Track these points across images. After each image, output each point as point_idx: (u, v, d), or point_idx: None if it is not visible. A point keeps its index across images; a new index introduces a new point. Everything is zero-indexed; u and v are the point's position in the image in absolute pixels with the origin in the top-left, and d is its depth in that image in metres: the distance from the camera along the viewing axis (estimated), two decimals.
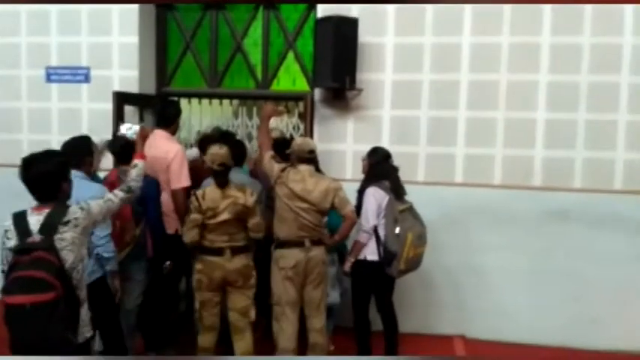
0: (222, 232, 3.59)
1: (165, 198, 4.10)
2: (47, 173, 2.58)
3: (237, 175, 4.00)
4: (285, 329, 3.69)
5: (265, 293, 3.91)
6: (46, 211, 2.53)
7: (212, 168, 3.62)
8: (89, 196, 3.23)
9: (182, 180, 4.04)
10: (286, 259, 3.66)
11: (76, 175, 3.35)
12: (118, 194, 2.92)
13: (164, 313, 4.20)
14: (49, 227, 2.47)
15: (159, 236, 4.03)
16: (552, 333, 4.65)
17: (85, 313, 2.62)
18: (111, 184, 3.72)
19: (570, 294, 4.65)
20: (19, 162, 2.72)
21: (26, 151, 5.33)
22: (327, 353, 3.89)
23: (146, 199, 3.81)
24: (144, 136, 3.40)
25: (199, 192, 3.63)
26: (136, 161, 3.20)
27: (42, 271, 2.34)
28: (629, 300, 4.59)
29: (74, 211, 2.57)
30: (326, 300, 3.89)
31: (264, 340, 4.08)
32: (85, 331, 2.62)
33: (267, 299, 3.88)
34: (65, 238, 2.48)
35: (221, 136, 4.67)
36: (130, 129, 3.58)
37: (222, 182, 3.63)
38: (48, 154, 2.65)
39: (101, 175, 4.09)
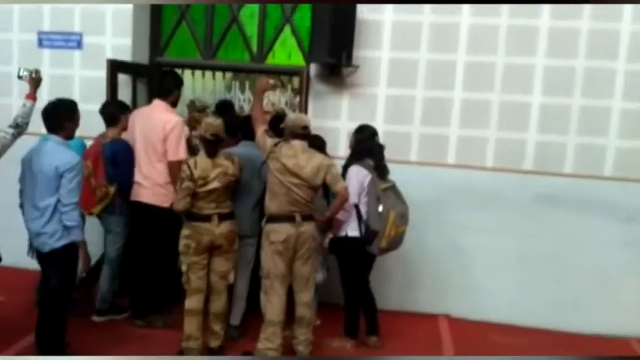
0: (211, 200, 3.70)
1: (161, 169, 4.07)
2: None
3: (248, 149, 4.02)
4: (274, 302, 3.71)
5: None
6: None
7: (204, 137, 3.71)
8: (61, 163, 3.32)
9: (179, 152, 4.02)
10: (277, 233, 3.66)
11: (53, 139, 3.45)
12: (9, 131, 3.45)
13: (154, 282, 4.23)
14: None
15: (131, 203, 4.21)
16: (536, 315, 4.72)
17: None
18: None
19: (555, 277, 4.71)
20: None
21: None
22: (313, 327, 3.93)
23: (118, 160, 4.13)
24: (35, 80, 3.68)
25: (191, 161, 3.70)
26: (25, 101, 3.59)
27: None
28: (613, 285, 4.66)
29: None
30: (314, 275, 3.91)
31: (251, 313, 4.12)
32: None
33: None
34: None
35: (222, 106, 4.70)
36: (25, 71, 3.70)
37: (213, 152, 3.72)
38: None
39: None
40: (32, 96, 3.64)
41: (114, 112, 4.28)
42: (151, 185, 4.11)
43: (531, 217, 4.68)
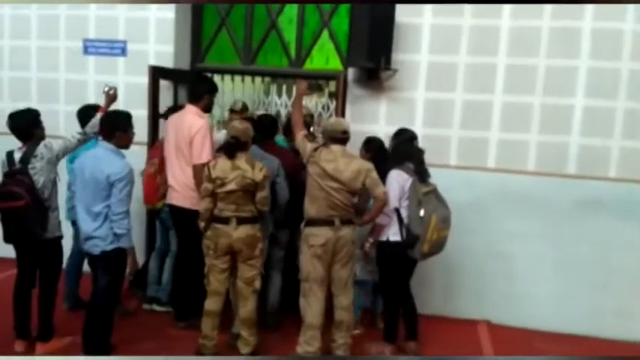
0: (230, 202, 3.72)
1: (189, 172, 4.08)
2: (24, 123, 3.65)
3: (257, 153, 4.05)
4: (313, 306, 3.74)
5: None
6: (24, 149, 3.62)
7: (226, 138, 3.82)
8: (113, 172, 3.43)
9: (203, 156, 4.00)
10: (316, 237, 3.69)
11: (103, 145, 3.58)
12: (76, 136, 3.78)
13: (195, 285, 4.29)
14: (25, 159, 3.58)
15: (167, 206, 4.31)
16: (578, 322, 4.62)
17: (54, 217, 3.70)
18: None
19: (598, 284, 4.61)
20: (55, 133, 2.86)
21: (62, 122, 5.50)
22: (352, 331, 3.94)
23: None
24: (112, 96, 4.00)
25: (212, 162, 3.79)
26: (98, 114, 3.87)
27: (18, 187, 3.48)
28: None
29: (41, 148, 3.62)
30: (352, 278, 3.91)
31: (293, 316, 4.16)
32: (55, 230, 3.71)
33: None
34: (35, 166, 3.59)
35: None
36: (107, 87, 4.04)
37: (230, 154, 3.75)
38: (25, 111, 3.71)
39: None
40: (104, 110, 3.90)
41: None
42: (181, 188, 4.14)
43: (574, 222, 4.59)
